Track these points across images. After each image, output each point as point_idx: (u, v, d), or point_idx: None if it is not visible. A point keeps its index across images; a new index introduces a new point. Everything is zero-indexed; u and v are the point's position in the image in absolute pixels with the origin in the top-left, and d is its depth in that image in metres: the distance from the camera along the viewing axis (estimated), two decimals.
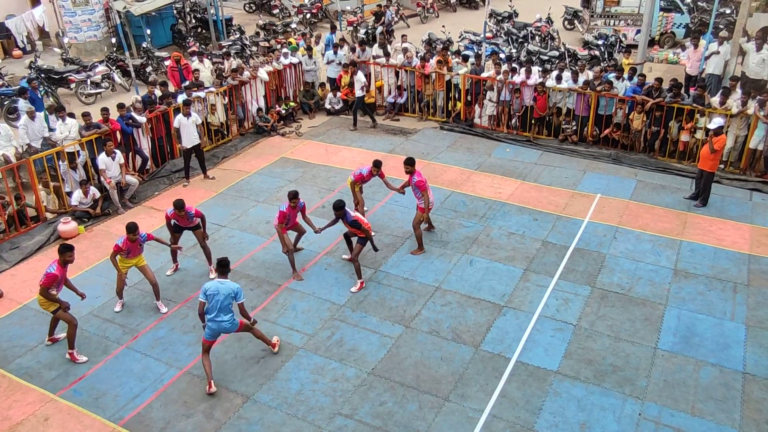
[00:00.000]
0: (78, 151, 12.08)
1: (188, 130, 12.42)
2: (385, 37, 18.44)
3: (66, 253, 8.06)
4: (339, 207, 9.22)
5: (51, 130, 12.40)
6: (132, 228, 8.60)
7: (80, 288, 9.58)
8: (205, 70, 15.59)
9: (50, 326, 8.53)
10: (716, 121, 11.41)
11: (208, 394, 7.65)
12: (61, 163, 11.83)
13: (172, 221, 9.65)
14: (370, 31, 21.54)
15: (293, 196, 9.52)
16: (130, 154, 12.84)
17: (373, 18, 23.13)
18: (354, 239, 9.60)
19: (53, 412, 7.49)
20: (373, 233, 9.78)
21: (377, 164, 10.54)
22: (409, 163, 10.15)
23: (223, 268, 7.71)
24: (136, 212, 11.87)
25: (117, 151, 11.75)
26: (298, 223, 10.06)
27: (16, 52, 22.16)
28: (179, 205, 9.27)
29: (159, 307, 9.20)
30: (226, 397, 7.64)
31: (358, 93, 15.23)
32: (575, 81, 13.99)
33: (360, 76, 15.09)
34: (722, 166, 12.73)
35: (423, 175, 10.11)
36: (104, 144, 11.61)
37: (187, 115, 12.35)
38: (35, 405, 7.58)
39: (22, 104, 13.66)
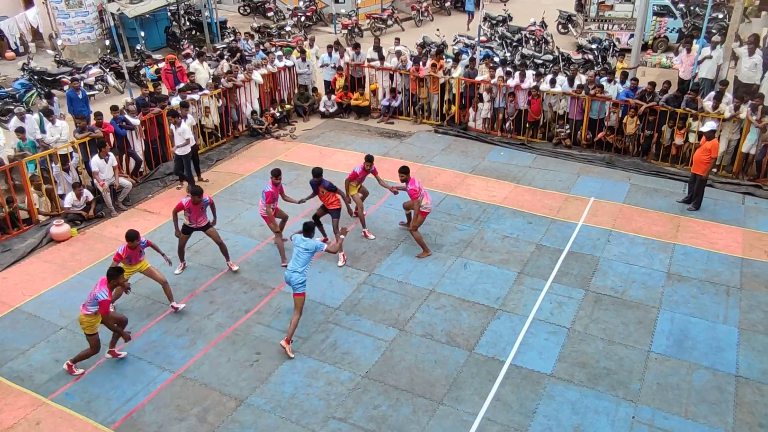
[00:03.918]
0: (71, 154, 12.02)
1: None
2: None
3: (119, 276, 7.85)
4: (317, 174, 9.81)
5: (44, 132, 12.35)
6: (132, 236, 8.49)
7: (72, 291, 9.60)
8: (203, 71, 15.55)
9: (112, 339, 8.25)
10: (709, 125, 11.47)
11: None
12: (53, 165, 11.76)
13: (185, 222, 9.61)
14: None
15: (277, 174, 9.89)
16: (124, 156, 12.79)
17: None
18: (324, 218, 10.10)
19: (45, 416, 7.43)
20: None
21: (369, 159, 10.63)
22: (404, 171, 10.16)
23: (308, 231, 8.51)
24: (129, 215, 11.83)
25: (110, 153, 11.70)
26: (280, 209, 10.26)
27: (9, 54, 22.05)
28: (198, 191, 9.37)
29: (175, 307, 9.13)
30: (219, 401, 7.61)
31: (179, 150, 12.03)
32: (571, 84, 14.04)
33: (183, 128, 11.92)
34: (715, 170, 12.80)
35: (417, 183, 10.14)
36: (98, 147, 11.56)
37: (184, 117, 12.37)
38: (27, 409, 7.52)
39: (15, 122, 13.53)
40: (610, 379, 7.85)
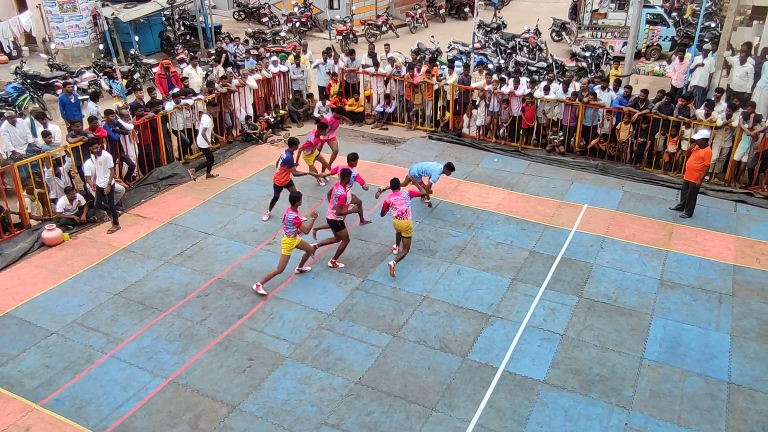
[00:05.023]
0: (63, 157, 11.95)
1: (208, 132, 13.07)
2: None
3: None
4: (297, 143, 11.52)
5: (35, 136, 12.28)
6: (296, 198, 9.42)
7: (64, 296, 9.54)
8: (196, 76, 15.54)
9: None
10: (702, 133, 11.53)
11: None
12: (45, 169, 11.70)
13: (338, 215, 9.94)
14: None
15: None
16: (117, 161, 12.72)
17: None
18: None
19: (35, 422, 7.36)
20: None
21: (321, 126, 12.38)
22: (322, 127, 12.34)
23: (450, 169, 11.54)
24: (122, 219, 11.74)
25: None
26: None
27: (2, 58, 21.94)
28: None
29: (304, 268, 10.11)
30: (212, 407, 7.56)
31: (100, 182, 11.11)
32: (565, 91, 14.10)
33: (105, 157, 11.02)
34: (707, 177, 12.86)
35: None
36: (89, 145, 11.46)
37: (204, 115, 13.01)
38: (16, 415, 7.45)
39: (92, 108, 13.48)
40: (603, 386, 7.86)
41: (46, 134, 11.94)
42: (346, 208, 9.97)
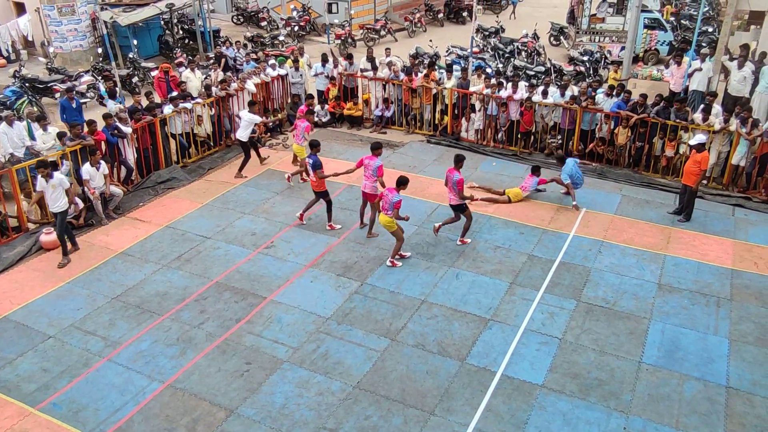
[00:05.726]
0: (61, 161, 11.94)
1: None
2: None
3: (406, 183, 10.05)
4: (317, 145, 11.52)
5: (33, 139, 12.27)
6: (405, 181, 10.02)
7: (61, 299, 9.53)
8: (195, 80, 15.54)
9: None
10: (698, 138, 11.56)
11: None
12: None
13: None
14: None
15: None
16: (115, 164, 12.73)
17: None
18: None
19: (32, 426, 7.34)
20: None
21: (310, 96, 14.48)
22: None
23: (561, 161, 12.44)
24: (120, 223, 11.76)
25: (101, 161, 11.64)
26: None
27: (0, 61, 21.97)
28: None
29: (403, 256, 10.52)
30: (209, 411, 7.54)
31: (56, 206, 10.30)
32: (563, 95, 14.12)
33: (58, 179, 10.22)
34: (705, 181, 12.89)
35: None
36: (89, 154, 11.50)
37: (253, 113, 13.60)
38: (13, 419, 7.42)
39: (111, 105, 13.47)
40: (602, 390, 7.85)
41: (61, 135, 11.92)
42: (464, 189, 10.61)
